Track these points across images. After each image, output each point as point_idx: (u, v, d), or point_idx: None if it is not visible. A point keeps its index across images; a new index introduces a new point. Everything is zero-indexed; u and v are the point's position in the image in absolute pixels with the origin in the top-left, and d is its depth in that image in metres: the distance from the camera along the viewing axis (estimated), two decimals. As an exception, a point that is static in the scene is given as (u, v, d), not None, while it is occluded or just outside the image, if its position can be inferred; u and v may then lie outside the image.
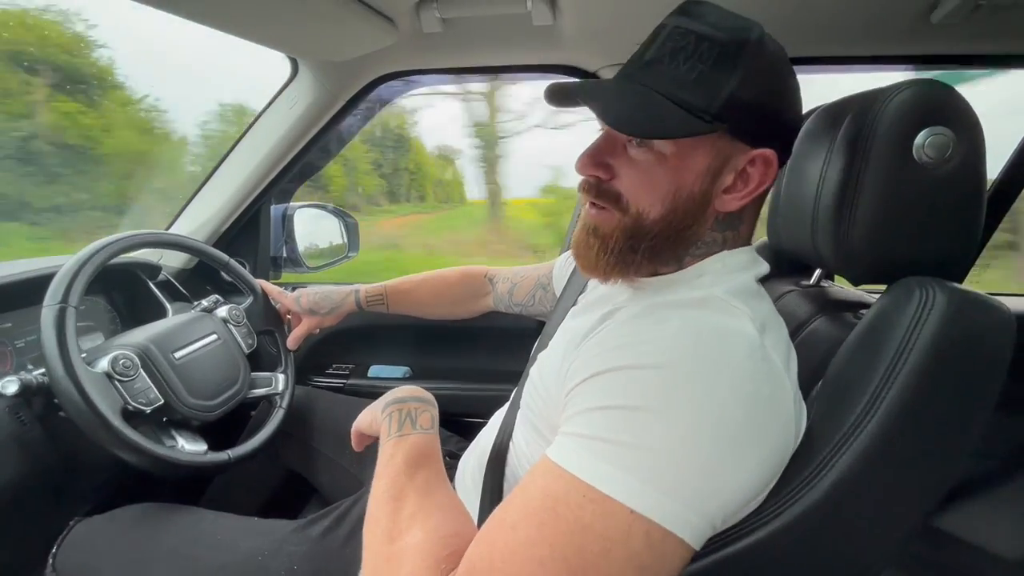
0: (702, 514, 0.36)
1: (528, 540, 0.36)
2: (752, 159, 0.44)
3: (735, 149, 0.44)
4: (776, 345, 0.43)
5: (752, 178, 0.45)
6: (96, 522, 0.71)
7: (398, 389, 0.60)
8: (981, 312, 0.40)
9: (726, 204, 0.46)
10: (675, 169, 0.45)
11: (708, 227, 0.47)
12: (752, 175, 0.45)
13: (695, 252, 0.48)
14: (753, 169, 0.45)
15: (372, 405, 0.63)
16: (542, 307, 0.90)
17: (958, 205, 0.46)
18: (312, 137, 1.06)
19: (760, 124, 0.44)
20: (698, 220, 0.46)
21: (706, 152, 0.44)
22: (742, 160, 0.44)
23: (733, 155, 0.44)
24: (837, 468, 0.39)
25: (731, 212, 0.47)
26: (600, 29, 0.85)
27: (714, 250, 0.48)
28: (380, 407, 0.59)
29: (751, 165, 0.45)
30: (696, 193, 0.45)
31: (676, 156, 0.44)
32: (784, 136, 0.46)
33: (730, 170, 0.45)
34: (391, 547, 0.43)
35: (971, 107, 0.46)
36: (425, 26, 0.83)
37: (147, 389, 0.71)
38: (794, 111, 0.47)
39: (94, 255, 0.72)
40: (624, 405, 0.38)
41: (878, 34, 0.82)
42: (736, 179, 0.45)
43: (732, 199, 0.45)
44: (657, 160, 0.45)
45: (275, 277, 1.28)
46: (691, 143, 0.44)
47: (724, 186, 0.45)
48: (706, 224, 0.47)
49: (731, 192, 0.45)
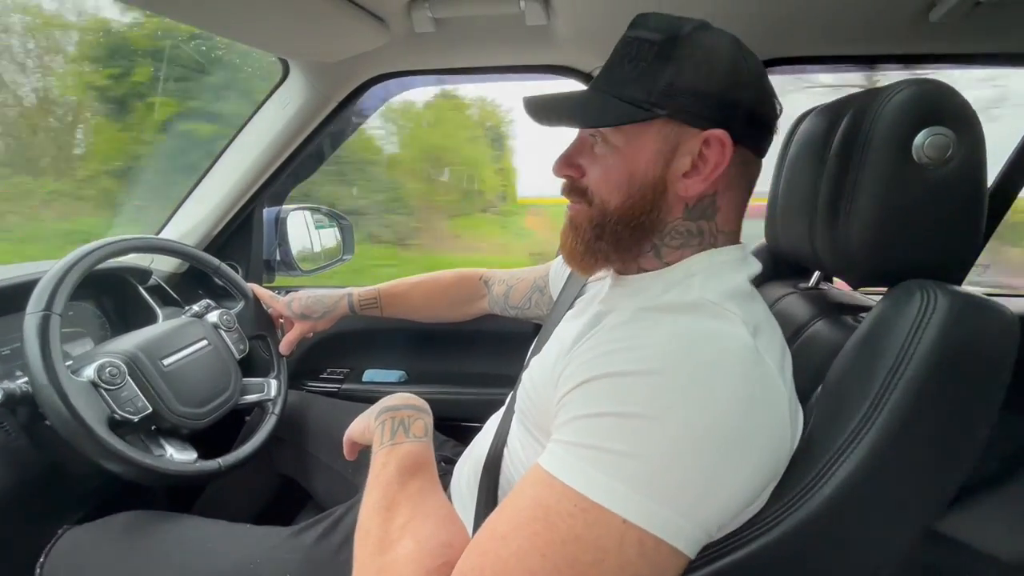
0: (696, 521, 0.36)
1: (520, 550, 0.35)
2: (706, 140, 0.45)
3: (684, 133, 0.46)
4: (769, 348, 0.42)
5: (709, 160, 0.46)
6: (85, 530, 0.70)
7: (391, 397, 0.59)
8: (984, 316, 0.39)
9: (689, 188, 0.47)
10: (626, 157, 0.48)
11: (677, 216, 0.48)
12: (708, 157, 0.46)
13: (671, 243, 0.49)
14: (709, 151, 0.46)
15: (365, 413, 0.62)
16: (538, 310, 0.89)
17: (958, 206, 0.45)
18: (304, 139, 1.05)
19: (703, 106, 0.45)
20: (659, 206, 0.48)
21: (653, 138, 0.47)
22: (695, 143, 0.46)
23: (683, 139, 0.46)
24: (838, 476, 0.38)
25: (701, 200, 0.48)
26: (594, 29, 0.84)
27: (692, 242, 0.49)
28: (373, 415, 0.58)
29: (706, 147, 0.46)
30: (650, 178, 0.47)
31: (627, 145, 0.48)
32: (738, 116, 0.46)
33: (684, 154, 0.46)
34: (382, 558, 0.42)
35: (971, 107, 0.45)
36: (417, 26, 0.82)
37: (135, 397, 0.70)
38: (745, 92, 0.46)
39: (80, 261, 0.71)
40: (615, 412, 0.37)
41: (876, 33, 0.82)
42: (695, 163, 0.46)
43: (693, 183, 0.47)
44: (612, 152, 0.48)
45: (268, 281, 1.27)
46: (637, 131, 0.47)
47: (682, 170, 0.47)
48: (673, 212, 0.48)
49: (691, 176, 0.47)
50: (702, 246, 0.49)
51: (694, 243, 0.49)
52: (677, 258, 0.49)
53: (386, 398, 0.59)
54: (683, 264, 0.49)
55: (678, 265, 0.49)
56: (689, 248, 0.49)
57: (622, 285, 0.53)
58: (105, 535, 0.69)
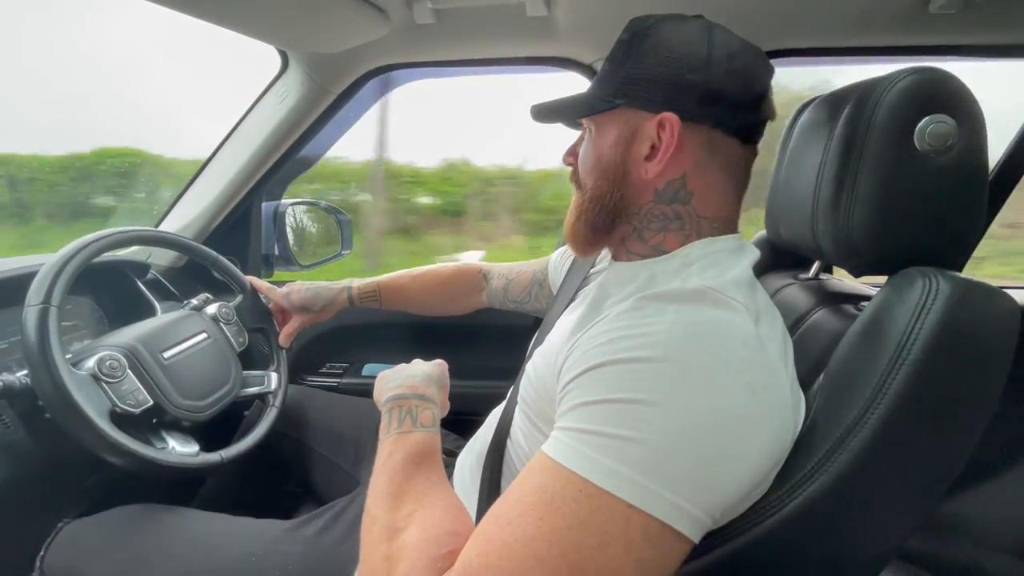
0: (701, 507, 0.36)
1: (525, 536, 0.35)
2: (660, 123, 0.48)
3: (640, 118, 0.50)
4: (771, 335, 0.43)
5: (662, 142, 0.49)
6: (85, 524, 0.69)
7: (398, 382, 0.59)
8: (985, 301, 0.40)
9: (649, 171, 0.50)
10: (596, 143, 0.53)
11: (649, 199, 0.51)
12: (663, 139, 0.49)
13: (650, 226, 0.52)
14: (664, 134, 0.48)
15: (384, 376, 0.63)
16: (538, 304, 0.89)
17: (960, 194, 0.45)
18: (303, 132, 1.04)
19: (654, 91, 0.49)
20: (622, 188, 0.52)
21: (615, 125, 0.51)
22: (651, 128, 0.49)
23: (640, 124, 0.50)
24: (841, 461, 0.39)
25: (670, 183, 0.50)
26: (595, 21, 0.84)
27: (672, 227, 0.51)
28: (383, 396, 0.59)
29: (661, 130, 0.49)
30: (613, 161, 0.51)
31: (596, 134, 0.53)
32: (689, 98, 0.48)
33: (644, 139, 0.50)
34: (389, 545, 0.42)
35: (972, 94, 0.45)
36: (418, 17, 0.81)
37: (136, 391, 0.70)
38: (700, 75, 0.48)
39: (77, 253, 0.70)
40: (620, 399, 0.37)
41: (875, 25, 0.82)
42: (654, 146, 0.49)
43: (652, 165, 0.50)
44: (589, 140, 0.55)
45: (267, 275, 1.26)
46: (604, 120, 0.52)
47: (643, 154, 0.50)
48: (643, 196, 0.51)
49: (651, 159, 0.50)
50: (685, 231, 0.51)
51: (674, 227, 0.51)
52: (661, 241, 0.51)
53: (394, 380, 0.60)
54: (680, 252, 0.50)
55: (674, 253, 0.50)
56: (671, 232, 0.51)
57: (618, 270, 0.54)
58: (105, 528, 0.68)
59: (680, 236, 0.51)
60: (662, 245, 0.51)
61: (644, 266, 0.51)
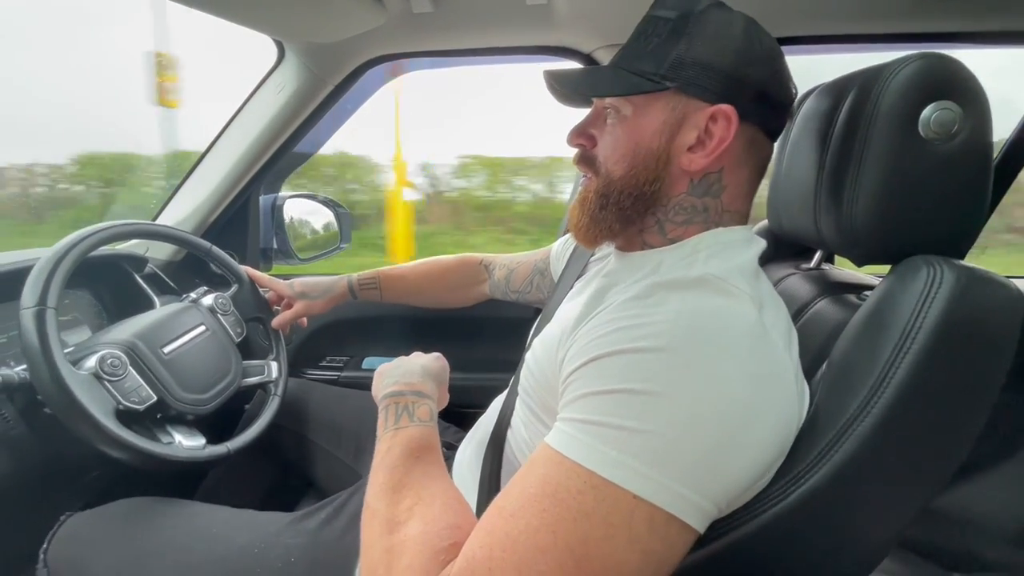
0: (706, 497, 0.36)
1: (529, 528, 0.35)
2: (712, 115, 0.46)
3: (691, 106, 0.47)
4: (775, 324, 0.42)
5: (714, 135, 0.46)
6: (88, 517, 0.69)
7: (395, 379, 0.58)
8: (990, 290, 0.39)
9: (693, 162, 0.47)
10: (633, 127, 0.48)
11: (682, 190, 0.49)
12: (714, 132, 0.46)
13: (675, 218, 0.49)
14: (715, 126, 0.46)
15: (381, 373, 0.62)
16: (540, 294, 0.89)
17: (965, 181, 0.45)
18: (300, 124, 1.03)
19: (712, 81, 0.46)
20: (662, 178, 0.48)
21: (661, 109, 0.47)
22: (701, 118, 0.46)
23: (690, 112, 0.47)
24: (844, 451, 0.38)
25: (707, 176, 0.48)
26: (594, 9, 0.83)
27: (697, 219, 0.49)
28: (380, 393, 0.58)
29: (712, 122, 0.46)
30: (655, 149, 0.48)
31: (635, 115, 0.48)
32: (745, 93, 0.46)
33: (691, 128, 0.47)
34: (390, 539, 0.42)
35: (978, 81, 0.44)
36: (415, 6, 0.80)
37: (138, 387, 0.69)
38: (755, 70, 0.46)
39: (70, 250, 0.69)
40: (624, 389, 0.37)
41: (880, 11, 0.81)
42: (700, 137, 0.47)
43: (697, 157, 0.47)
44: (620, 122, 0.49)
45: (266, 269, 1.26)
46: (645, 102, 0.48)
47: (687, 144, 0.47)
48: (677, 187, 0.49)
49: (696, 150, 0.47)
50: (707, 224, 0.49)
51: (698, 220, 0.49)
52: (681, 235, 0.50)
53: (392, 374, 0.59)
54: (690, 242, 0.49)
55: (684, 242, 0.49)
56: (694, 225, 0.49)
57: (626, 261, 0.53)
58: (108, 521, 0.68)
59: (700, 228, 0.49)
60: (681, 237, 0.49)
61: (654, 255, 0.50)
